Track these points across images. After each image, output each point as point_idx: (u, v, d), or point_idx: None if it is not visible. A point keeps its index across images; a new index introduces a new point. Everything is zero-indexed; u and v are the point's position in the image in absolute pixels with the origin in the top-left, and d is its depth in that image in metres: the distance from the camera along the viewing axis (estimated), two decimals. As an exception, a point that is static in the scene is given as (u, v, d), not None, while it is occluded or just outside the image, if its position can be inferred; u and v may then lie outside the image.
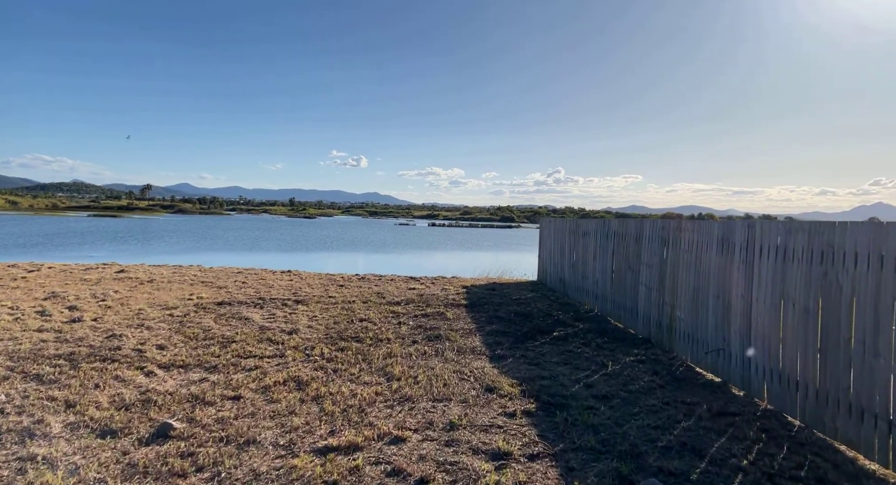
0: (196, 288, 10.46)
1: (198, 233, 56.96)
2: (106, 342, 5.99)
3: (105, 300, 8.49)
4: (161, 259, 23.86)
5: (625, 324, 9.14)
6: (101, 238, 43.59)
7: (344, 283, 12.40)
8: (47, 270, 11.92)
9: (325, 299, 9.97)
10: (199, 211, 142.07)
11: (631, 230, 9.10)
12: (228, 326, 7.32)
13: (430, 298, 10.66)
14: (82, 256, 27.31)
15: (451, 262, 34.49)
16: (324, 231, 71.11)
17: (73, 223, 66.48)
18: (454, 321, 8.67)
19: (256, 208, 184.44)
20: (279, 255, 33.43)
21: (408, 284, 12.71)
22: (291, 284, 11.66)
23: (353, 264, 29.84)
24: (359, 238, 56.61)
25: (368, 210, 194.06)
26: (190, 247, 38.27)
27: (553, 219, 14.17)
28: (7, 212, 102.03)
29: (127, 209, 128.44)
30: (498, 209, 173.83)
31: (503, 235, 75.97)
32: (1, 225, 56.06)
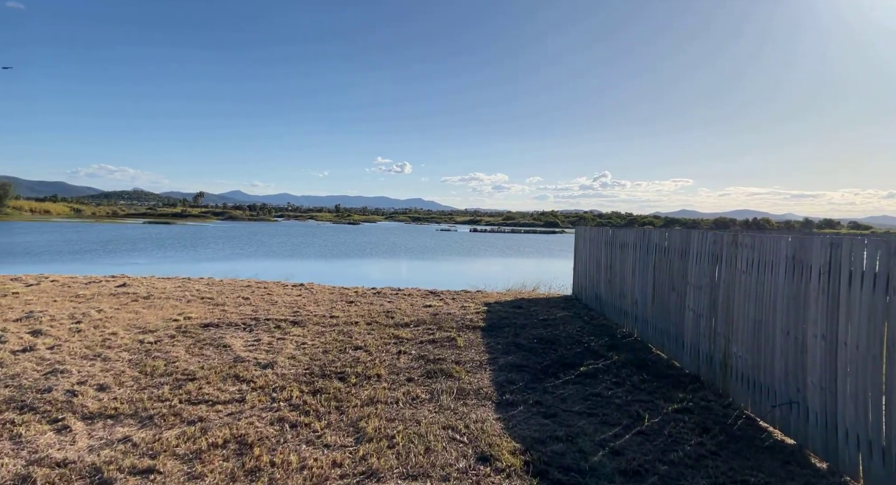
0: (191, 306, 9.65)
1: (242, 239, 57.73)
2: (40, 380, 5.12)
3: (81, 322, 7.74)
4: (187, 268, 23.62)
5: (668, 354, 7.72)
6: (150, 245, 44.53)
7: (355, 299, 11.38)
8: (48, 283, 11.43)
9: (325, 320, 8.96)
10: (248, 218, 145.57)
11: (675, 243, 7.69)
12: (199, 357, 6.37)
13: (444, 319, 9.49)
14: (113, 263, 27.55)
15: (485, 270, 33.20)
16: (365, 237, 71.04)
17: (129, 230, 68.75)
18: (464, 350, 7.47)
19: (303, 215, 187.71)
20: (311, 262, 33.02)
21: (425, 300, 11.57)
22: (297, 301, 10.73)
23: (383, 272, 29.00)
24: (398, 244, 56.01)
25: (411, 216, 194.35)
26: (230, 254, 38.46)
27: (588, 228, 12.76)
28: (71, 219, 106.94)
29: (180, 216, 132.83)
30: (541, 214, 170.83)
31: (546, 240, 73.99)
32: (62, 232, 58.43)
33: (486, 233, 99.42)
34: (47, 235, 54.29)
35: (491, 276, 27.65)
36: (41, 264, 26.78)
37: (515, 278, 20.27)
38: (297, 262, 33.81)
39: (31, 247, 39.59)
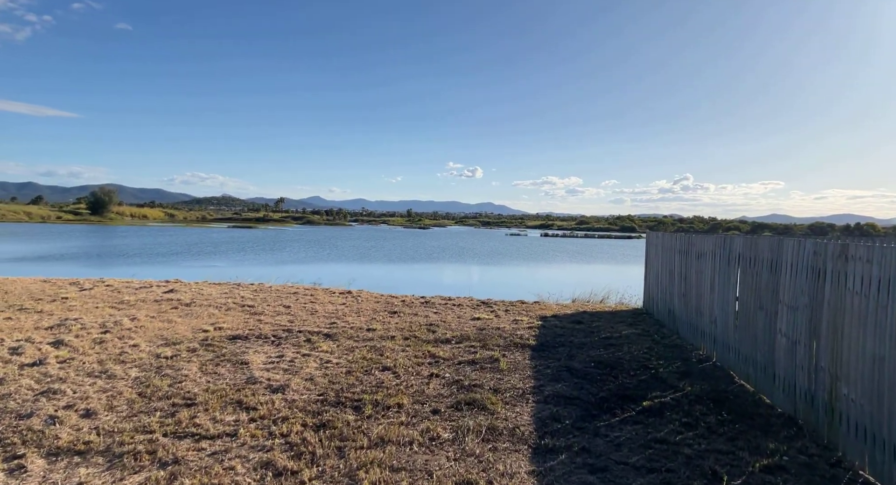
0: (228, 315, 9.30)
1: (317, 243, 59.28)
2: (27, 403, 4.72)
3: (108, 332, 7.49)
4: (255, 271, 23.95)
5: (755, 386, 6.41)
6: (230, 248, 46.50)
7: (400, 309, 10.68)
8: (102, 288, 11.55)
9: (359, 334, 8.28)
10: (324, 222, 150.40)
11: (763, 252, 6.37)
12: (210, 377, 5.84)
13: (491, 335, 8.56)
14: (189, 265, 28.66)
15: (551, 278, 31.76)
16: (433, 241, 71.03)
17: (214, 234, 72.61)
18: (506, 374, 6.52)
19: (376, 219, 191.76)
20: (375, 267, 32.94)
21: (474, 312, 10.67)
22: (338, 311, 10.16)
23: (443, 277, 28.30)
24: (465, 249, 55.34)
25: (481, 220, 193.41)
26: (302, 257, 39.31)
27: (660, 233, 11.39)
28: (165, 224, 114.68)
29: (262, 221, 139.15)
30: (617, 219, 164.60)
31: (621, 246, 70.86)
32: (155, 236, 62.59)
33: (558, 238, 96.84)
34: (142, 238, 58.19)
35: (556, 284, 26.25)
36: (131, 266, 28.29)
37: (583, 288, 18.93)
38: (361, 266, 33.90)
39: (126, 249, 42.36)
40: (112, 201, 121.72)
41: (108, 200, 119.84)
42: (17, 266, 26.65)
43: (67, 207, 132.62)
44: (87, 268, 27.23)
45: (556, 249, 62.08)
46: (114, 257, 35.15)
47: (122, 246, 46.00)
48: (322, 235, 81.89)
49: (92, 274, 21.52)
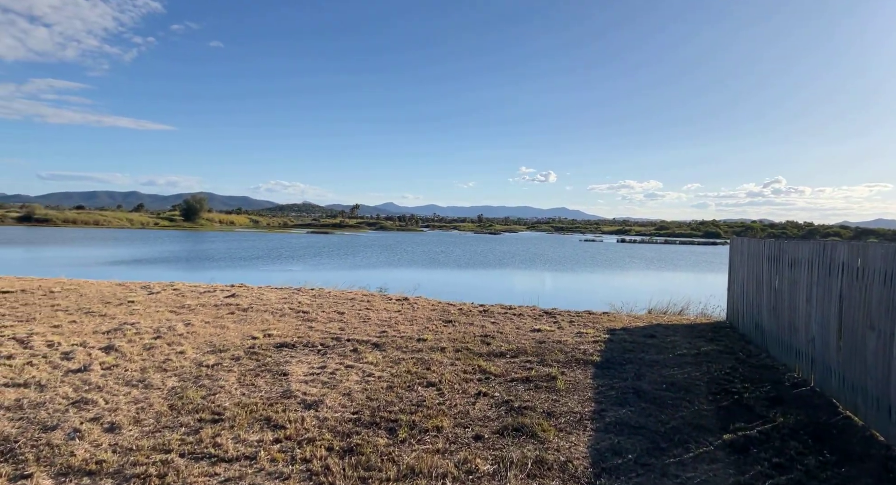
0: (281, 321, 9.19)
1: (388, 248, 60.18)
2: (57, 413, 4.62)
3: (160, 337, 7.51)
4: (328, 276, 24.29)
5: (865, 419, 5.37)
6: (307, 252, 48.06)
7: (456, 317, 10.18)
8: (169, 292, 11.87)
9: (409, 344, 7.86)
10: (397, 228, 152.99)
11: (875, 262, 5.34)
12: (246, 388, 5.60)
13: (551, 349, 7.88)
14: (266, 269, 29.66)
15: (626, 286, 30.17)
16: (503, 247, 70.16)
17: (294, 239, 75.55)
18: (563, 395, 5.86)
19: (447, 225, 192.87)
20: (440, 272, 32.68)
21: (535, 323, 9.99)
22: (391, 318, 9.81)
23: (510, 284, 27.47)
24: (536, 254, 54.14)
25: (554, 225, 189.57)
26: (374, 262, 39.86)
27: (746, 239, 10.23)
28: (249, 229, 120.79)
29: (339, 226, 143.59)
30: (700, 224, 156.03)
31: (703, 253, 66.90)
32: (240, 241, 65.97)
33: (635, 244, 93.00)
34: (228, 243, 61.45)
35: (630, 293, 24.79)
36: (210, 270, 29.74)
37: (660, 297, 17.68)
38: (427, 271, 33.78)
39: (212, 253, 44.78)
40: (203, 208, 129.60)
41: (199, 207, 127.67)
42: (106, 269, 28.63)
43: (164, 213, 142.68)
44: (168, 271, 28.81)
45: (633, 255, 59.44)
46: (199, 261, 37.13)
47: (208, 250, 48.67)
48: (393, 240, 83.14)
49: (174, 277, 22.65)
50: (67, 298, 10.48)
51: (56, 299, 10.20)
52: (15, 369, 5.71)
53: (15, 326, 7.73)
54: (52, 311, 9.06)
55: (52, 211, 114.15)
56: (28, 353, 6.30)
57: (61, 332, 7.54)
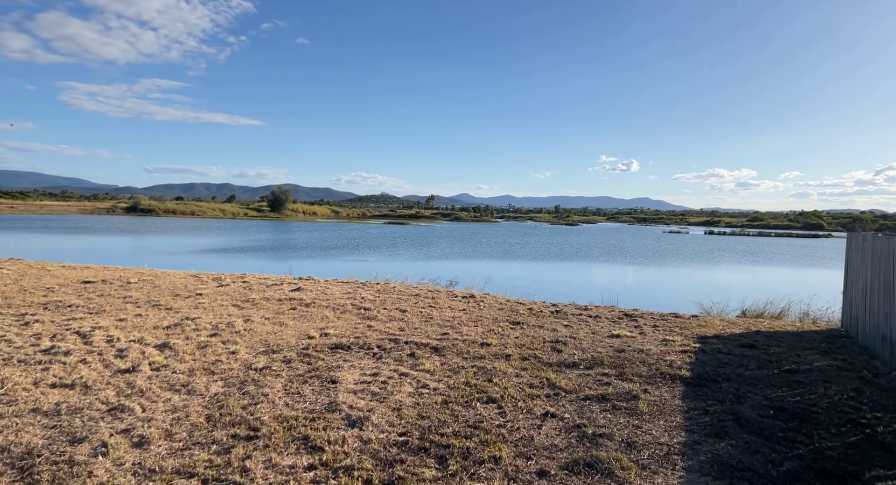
0: (341, 318, 8.84)
1: (462, 239, 59.91)
2: (90, 422, 4.37)
3: (216, 335, 7.33)
4: (395, 267, 24.09)
5: None
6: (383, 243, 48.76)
7: (524, 319, 9.41)
8: (238, 285, 11.90)
9: (471, 349, 7.22)
10: (471, 219, 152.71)
11: None
12: (290, 398, 5.19)
13: (632, 360, 6.97)
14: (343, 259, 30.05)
15: (715, 282, 27.91)
16: (581, 238, 67.93)
17: (372, 230, 77.17)
18: (647, 421, 5.01)
19: (523, 216, 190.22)
20: (514, 264, 31.73)
21: (613, 327, 9.04)
22: (455, 318, 9.21)
23: (587, 279, 26.00)
24: (616, 246, 51.81)
25: (636, 216, 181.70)
26: (447, 253, 39.63)
27: (867, 235, 8.72)
28: (330, 220, 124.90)
29: (414, 217, 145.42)
30: (799, 215, 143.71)
31: (803, 246, 61.54)
32: (321, 231, 68.18)
33: (725, 236, 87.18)
34: (309, 233, 63.68)
35: (721, 291, 22.80)
36: (292, 260, 30.63)
37: (755, 296, 16.05)
38: (500, 263, 32.97)
39: (294, 243, 46.42)
40: (287, 200, 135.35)
41: (285, 199, 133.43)
42: (192, 258, 30.12)
43: (253, 204, 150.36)
44: (249, 260, 29.85)
45: (723, 248, 55.53)
46: (281, 250, 38.44)
47: (290, 240, 50.49)
48: (468, 231, 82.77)
49: (254, 267, 23.33)
50: (141, 289, 10.72)
51: (130, 291, 10.44)
52: (68, 367, 5.63)
53: (84, 319, 7.84)
54: (122, 303, 9.21)
55: (155, 202, 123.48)
56: (85, 349, 6.26)
57: (124, 326, 7.55)
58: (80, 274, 12.42)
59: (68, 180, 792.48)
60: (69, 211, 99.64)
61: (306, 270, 24.37)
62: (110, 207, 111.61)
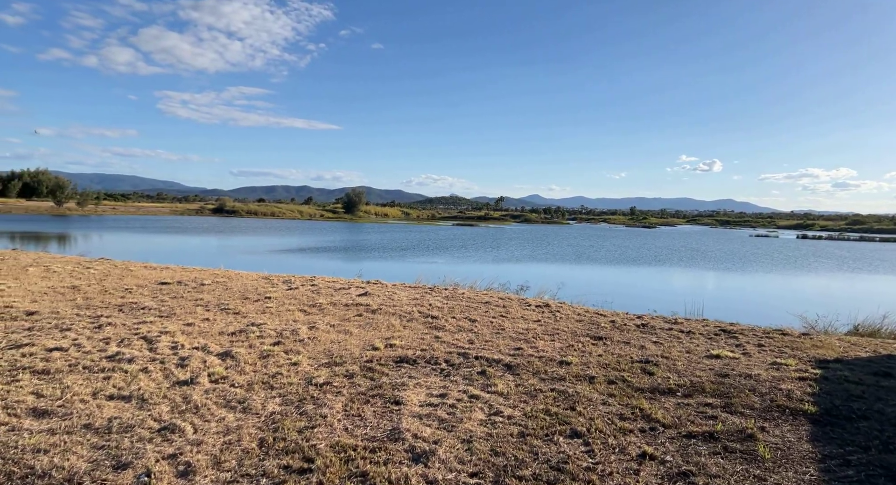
0: (407, 327, 8.35)
1: (532, 241, 58.72)
2: (138, 444, 4.04)
3: (280, 343, 7.01)
4: (463, 269, 23.48)
5: None
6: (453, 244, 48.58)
7: (607, 333, 8.53)
8: (307, 288, 11.73)
9: (549, 368, 6.48)
10: (541, 220, 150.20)
11: None
12: (349, 421, 4.70)
13: (739, 388, 5.99)
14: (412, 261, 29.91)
15: (818, 293, 25.39)
16: (660, 241, 64.91)
17: (442, 232, 77.39)
18: (771, 471, 4.11)
19: (596, 218, 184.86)
20: (585, 268, 30.31)
21: (710, 345, 7.99)
22: (529, 330, 8.48)
23: (666, 286, 24.22)
24: (698, 250, 48.83)
25: (719, 219, 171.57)
26: (517, 256, 38.77)
27: None
28: (401, 221, 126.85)
29: (483, 219, 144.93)
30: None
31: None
32: (392, 232, 69.18)
33: (821, 240, 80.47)
34: (382, 234, 64.72)
35: (824, 302, 20.58)
36: (363, 262, 30.91)
37: (867, 309, 14.26)
38: (573, 267, 31.68)
39: (366, 244, 47.19)
40: (361, 202, 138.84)
41: (358, 201, 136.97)
42: (266, 258, 30.99)
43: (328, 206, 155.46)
44: (321, 261, 30.31)
45: (819, 254, 51.05)
46: (353, 251, 39.02)
47: (362, 241, 51.38)
48: (538, 233, 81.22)
49: (325, 268, 23.57)
50: (213, 291, 10.74)
51: (202, 293, 10.47)
52: (129, 376, 5.45)
53: (153, 323, 7.80)
54: (192, 306, 9.19)
55: (238, 204, 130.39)
56: (149, 356, 6.10)
57: (190, 331, 7.41)
58: (159, 275, 12.73)
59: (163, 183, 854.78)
60: (162, 212, 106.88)
61: (377, 272, 24.43)
62: (198, 209, 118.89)
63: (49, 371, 5.41)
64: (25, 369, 5.44)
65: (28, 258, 15.30)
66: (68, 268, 13.09)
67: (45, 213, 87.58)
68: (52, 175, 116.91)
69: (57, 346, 6.24)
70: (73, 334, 6.86)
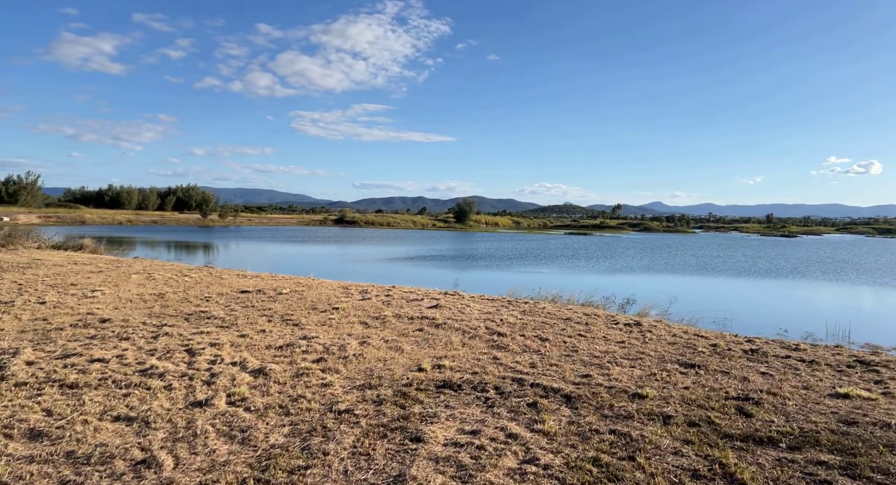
0: (467, 345, 7.61)
1: (651, 250, 55.01)
2: (112, 478, 3.75)
3: (323, 360, 6.60)
4: (567, 280, 22.00)
5: None
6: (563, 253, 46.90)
7: (704, 360, 7.16)
8: (380, 298, 11.37)
9: (618, 403, 5.41)
10: (663, 229, 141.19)
11: None
12: (352, 462, 4.09)
13: (870, 441, 4.56)
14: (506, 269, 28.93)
15: None
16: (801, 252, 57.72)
17: (552, 241, 75.37)
18: None
19: (726, 226, 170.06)
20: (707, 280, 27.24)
21: (839, 380, 6.38)
22: (607, 354, 7.36)
23: (803, 303, 20.79)
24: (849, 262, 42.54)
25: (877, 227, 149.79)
26: (632, 266, 36.31)
27: None
28: (511, 230, 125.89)
29: (598, 228, 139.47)
30: None
31: None
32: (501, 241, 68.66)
33: None
34: (489, 243, 64.42)
35: None
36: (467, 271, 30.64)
37: None
38: (693, 280, 28.81)
39: (473, 252, 47.08)
40: (471, 211, 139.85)
41: (469, 210, 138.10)
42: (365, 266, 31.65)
43: (440, 216, 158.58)
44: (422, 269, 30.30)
45: None
46: (457, 260, 38.89)
47: (470, 250, 51.31)
48: (658, 242, 76.05)
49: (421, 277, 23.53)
50: (287, 301, 10.79)
51: (275, 302, 10.54)
52: (152, 392, 5.32)
53: (208, 334, 7.81)
54: (257, 316, 9.20)
55: (358, 215, 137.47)
56: (180, 371, 5.97)
57: (239, 343, 7.29)
58: (246, 283, 13.17)
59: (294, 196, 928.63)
60: (290, 222, 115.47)
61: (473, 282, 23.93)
62: (322, 219, 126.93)
63: (77, 385, 5.43)
64: (55, 382, 5.50)
65: (140, 265, 16.65)
66: (168, 275, 14.00)
67: (193, 224, 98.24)
68: (200, 190, 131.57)
69: (101, 357, 6.33)
70: (126, 344, 7.00)
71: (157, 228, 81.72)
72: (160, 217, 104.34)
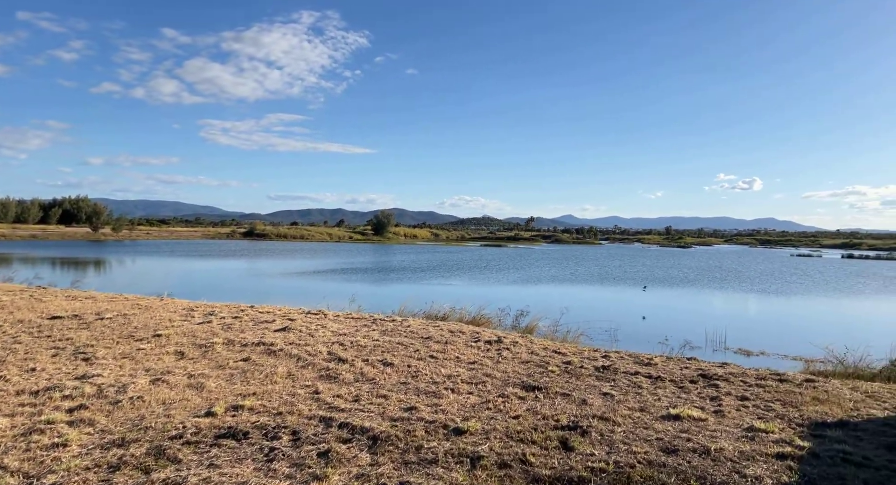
0: (290, 377, 6.65)
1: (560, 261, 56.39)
2: None
3: (84, 407, 5.37)
4: (475, 291, 21.37)
5: None
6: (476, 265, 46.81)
7: (549, 381, 6.63)
8: (230, 319, 10.09)
9: (428, 443, 4.68)
10: (573, 241, 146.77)
11: None
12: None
13: (685, 472, 4.10)
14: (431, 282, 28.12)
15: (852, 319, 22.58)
16: (693, 261, 61.80)
17: (467, 252, 75.66)
18: None
19: (630, 238, 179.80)
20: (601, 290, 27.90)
21: (678, 398, 6.01)
22: (452, 377, 6.65)
23: (679, 310, 21.57)
24: (734, 271, 45.64)
25: (759, 238, 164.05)
26: (539, 276, 36.73)
27: None
28: (430, 242, 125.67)
29: (513, 239, 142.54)
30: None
31: (976, 270, 51.01)
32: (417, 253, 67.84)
33: (868, 260, 75.34)
34: (405, 255, 63.55)
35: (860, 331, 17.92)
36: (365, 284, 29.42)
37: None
38: (589, 289, 29.45)
39: (386, 265, 45.88)
40: (390, 223, 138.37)
41: (387, 222, 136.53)
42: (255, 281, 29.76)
43: (358, 228, 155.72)
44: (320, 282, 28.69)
45: (863, 273, 47.14)
46: (367, 273, 37.60)
47: (385, 262, 50.17)
48: (566, 253, 78.55)
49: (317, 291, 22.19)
50: (102, 328, 9.22)
51: (85, 331, 8.91)
52: None
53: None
54: (44, 349, 7.55)
55: (269, 227, 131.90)
56: None
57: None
58: (69, 306, 11.39)
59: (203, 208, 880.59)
60: (194, 236, 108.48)
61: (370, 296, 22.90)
62: (230, 232, 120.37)
63: None
64: None
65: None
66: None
67: (81, 238, 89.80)
68: (91, 202, 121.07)
69: None
70: None
71: (35, 243, 73.82)
72: (41, 231, 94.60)
